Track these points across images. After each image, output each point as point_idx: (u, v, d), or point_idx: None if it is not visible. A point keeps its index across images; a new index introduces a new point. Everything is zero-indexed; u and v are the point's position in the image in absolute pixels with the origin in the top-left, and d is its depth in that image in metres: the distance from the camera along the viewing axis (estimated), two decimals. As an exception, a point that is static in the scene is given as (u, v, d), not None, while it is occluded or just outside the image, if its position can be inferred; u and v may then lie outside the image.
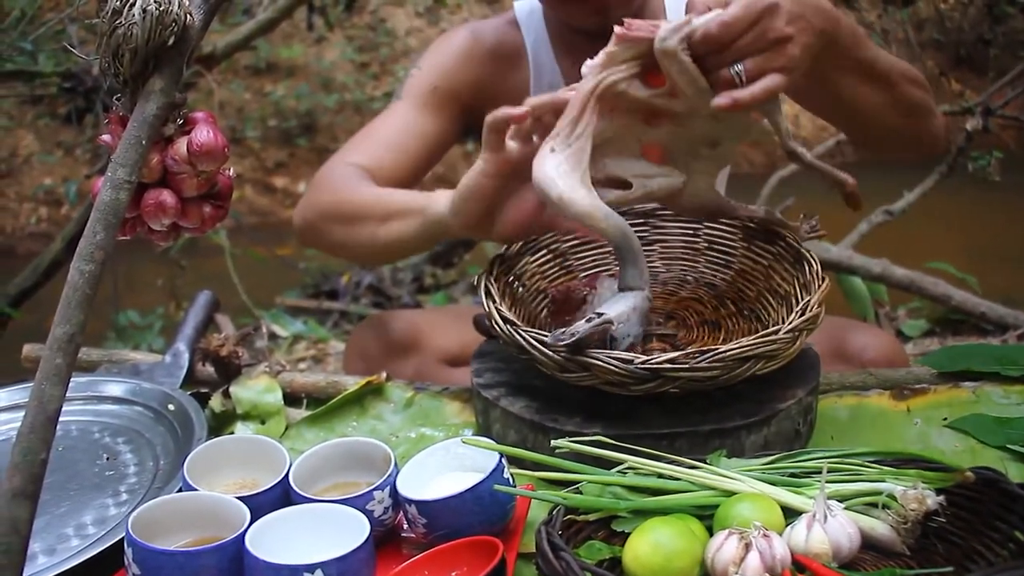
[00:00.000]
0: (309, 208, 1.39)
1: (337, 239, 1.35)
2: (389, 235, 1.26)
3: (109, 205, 0.84)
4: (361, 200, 1.32)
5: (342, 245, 1.37)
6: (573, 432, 1.02)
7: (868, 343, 1.40)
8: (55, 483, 1.08)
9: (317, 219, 1.37)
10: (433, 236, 1.25)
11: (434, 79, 1.45)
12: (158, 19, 0.86)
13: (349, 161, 1.40)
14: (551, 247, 1.32)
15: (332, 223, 1.35)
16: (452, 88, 1.44)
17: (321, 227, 1.37)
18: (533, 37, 1.48)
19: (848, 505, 0.88)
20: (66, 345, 0.79)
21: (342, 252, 1.43)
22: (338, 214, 1.34)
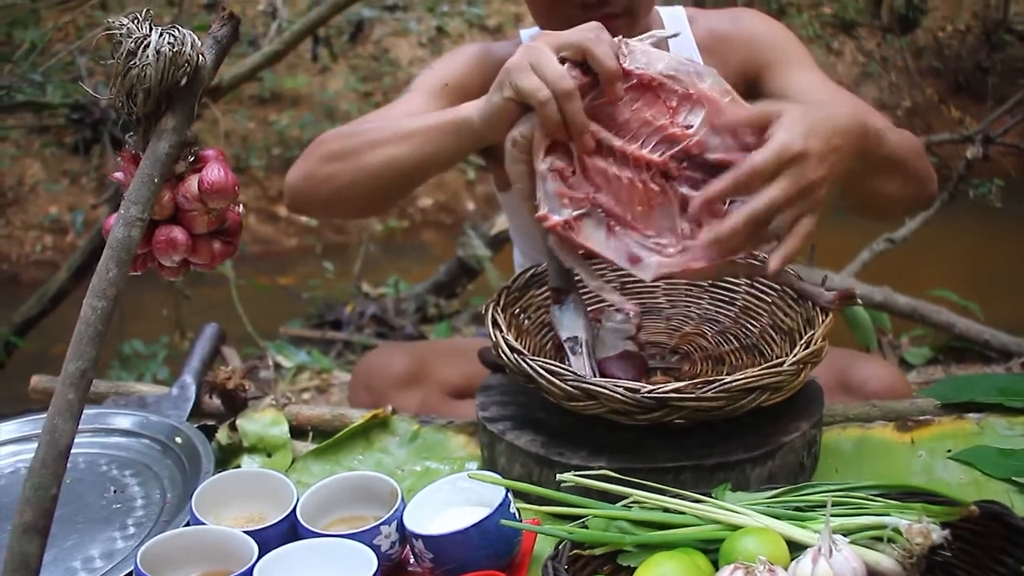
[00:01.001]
0: (309, 160, 1.33)
1: (344, 178, 1.28)
2: (411, 152, 1.21)
3: (122, 242, 0.85)
4: (372, 127, 1.29)
5: (350, 182, 1.28)
6: (579, 466, 1.03)
7: (871, 374, 1.40)
8: (63, 516, 1.08)
9: (317, 166, 1.31)
10: (460, 145, 1.20)
11: (445, 77, 1.44)
12: (171, 60, 0.88)
13: None
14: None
15: (336, 162, 1.28)
16: (462, 87, 1.44)
17: (323, 173, 1.30)
18: None
19: (853, 539, 0.88)
20: (78, 381, 0.80)
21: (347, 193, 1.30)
22: (344, 150, 1.28)
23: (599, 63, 1.04)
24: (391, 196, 1.34)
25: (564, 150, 1.08)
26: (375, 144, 1.25)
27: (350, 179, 1.27)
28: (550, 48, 1.06)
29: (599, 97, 1.07)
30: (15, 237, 5.76)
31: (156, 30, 0.89)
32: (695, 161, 1.06)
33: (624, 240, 1.08)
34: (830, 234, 1.53)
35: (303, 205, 1.38)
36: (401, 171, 1.24)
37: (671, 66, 1.06)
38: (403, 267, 4.44)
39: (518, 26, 1.78)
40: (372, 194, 1.29)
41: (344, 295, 4.13)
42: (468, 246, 3.60)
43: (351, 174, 1.26)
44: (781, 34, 1.45)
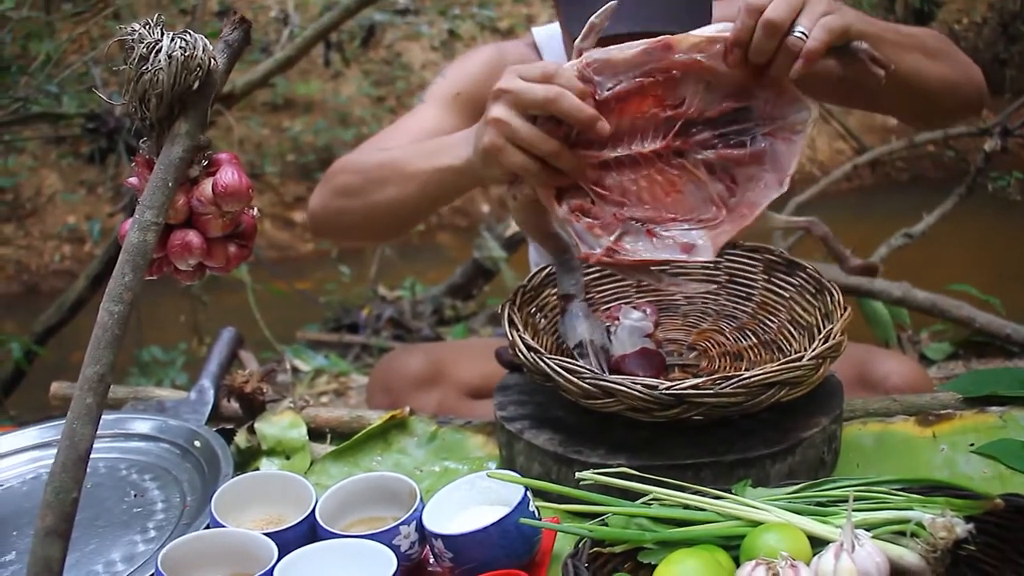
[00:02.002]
0: (322, 193, 1.39)
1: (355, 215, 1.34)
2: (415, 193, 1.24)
3: (137, 247, 0.85)
4: (379, 162, 1.31)
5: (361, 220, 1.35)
6: (597, 464, 1.02)
7: (892, 370, 1.39)
8: (84, 520, 1.09)
9: (331, 199, 1.36)
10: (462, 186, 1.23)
11: (458, 85, 1.46)
12: (183, 64, 0.88)
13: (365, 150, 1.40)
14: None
15: (347, 198, 1.34)
16: (474, 95, 1.45)
17: (335, 207, 1.36)
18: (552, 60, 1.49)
19: (876, 534, 0.88)
20: (96, 385, 0.80)
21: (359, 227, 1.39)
22: (353, 187, 1.33)
23: (572, 117, 1.03)
24: (404, 228, 1.40)
25: (574, 186, 1.08)
26: (382, 183, 1.29)
27: (361, 217, 1.34)
28: (518, 114, 1.04)
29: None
30: (34, 248, 5.81)
31: (168, 35, 0.89)
32: (699, 124, 1.06)
33: (669, 236, 1.07)
34: (847, 230, 1.52)
35: (323, 233, 1.47)
36: (408, 210, 1.30)
37: (638, 60, 1.04)
38: (419, 270, 4.44)
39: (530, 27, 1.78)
40: (384, 228, 1.37)
41: (361, 298, 4.13)
42: (484, 248, 3.60)
43: (361, 212, 1.33)
44: None
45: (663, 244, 1.07)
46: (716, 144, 1.07)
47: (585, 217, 1.07)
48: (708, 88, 1.05)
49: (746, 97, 1.06)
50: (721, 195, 1.07)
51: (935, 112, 1.33)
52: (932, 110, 1.31)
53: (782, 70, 1.03)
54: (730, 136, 1.07)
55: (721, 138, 1.06)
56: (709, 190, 1.07)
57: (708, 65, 1.04)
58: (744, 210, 1.06)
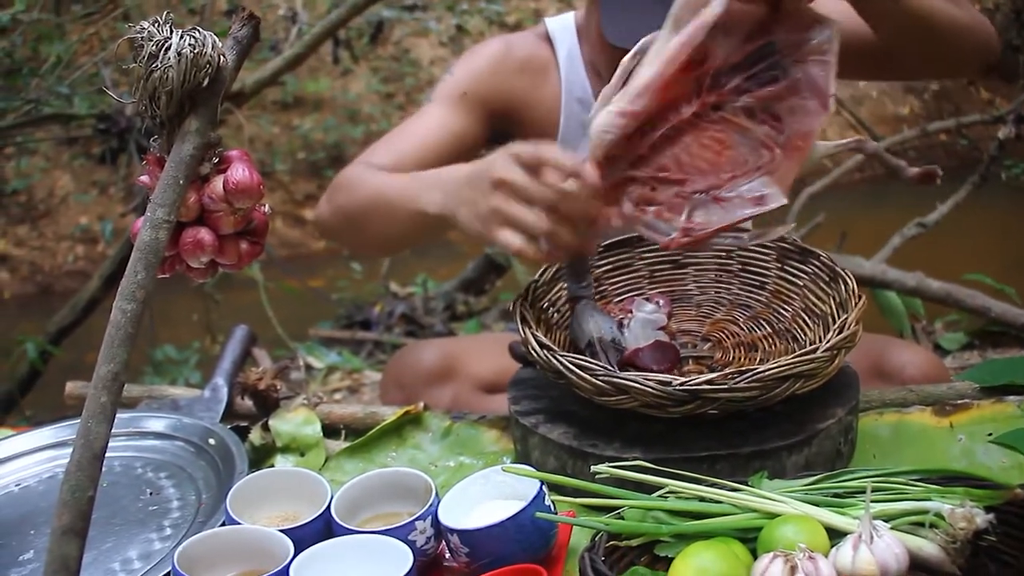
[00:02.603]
0: (327, 209, 1.41)
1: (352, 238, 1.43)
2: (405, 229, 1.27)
3: (149, 244, 0.85)
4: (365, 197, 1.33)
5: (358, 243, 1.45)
6: (613, 457, 1.02)
7: (908, 360, 1.38)
8: (100, 519, 1.09)
9: (332, 220, 1.40)
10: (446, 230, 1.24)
11: (464, 84, 1.46)
12: (192, 61, 0.88)
13: (368, 161, 1.41)
14: (584, 272, 1.32)
15: (344, 220, 1.37)
16: (482, 94, 1.45)
17: (337, 228, 1.41)
18: (565, 52, 1.49)
19: (894, 525, 0.87)
20: (110, 383, 0.80)
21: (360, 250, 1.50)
22: (349, 211, 1.35)
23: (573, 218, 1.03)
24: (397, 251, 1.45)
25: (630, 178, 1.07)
26: (368, 217, 1.32)
27: (354, 240, 1.45)
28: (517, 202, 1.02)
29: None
30: (47, 248, 5.83)
31: (176, 32, 0.89)
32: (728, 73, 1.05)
33: (736, 196, 1.05)
34: (860, 220, 1.51)
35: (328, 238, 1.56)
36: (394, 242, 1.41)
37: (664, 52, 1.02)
38: (430, 266, 4.44)
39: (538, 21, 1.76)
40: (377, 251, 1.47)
41: (373, 295, 4.14)
42: (495, 243, 3.60)
43: (355, 237, 1.42)
44: None
45: (734, 205, 1.05)
46: (749, 87, 1.05)
47: (650, 206, 1.06)
48: (726, 34, 1.03)
49: (765, 33, 1.05)
50: (769, 136, 1.05)
51: (947, 56, 1.29)
52: (944, 53, 1.28)
53: (799, 4, 1.02)
54: (761, 75, 1.05)
55: (752, 80, 1.05)
56: (756, 134, 1.05)
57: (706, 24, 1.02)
58: (798, 142, 1.04)
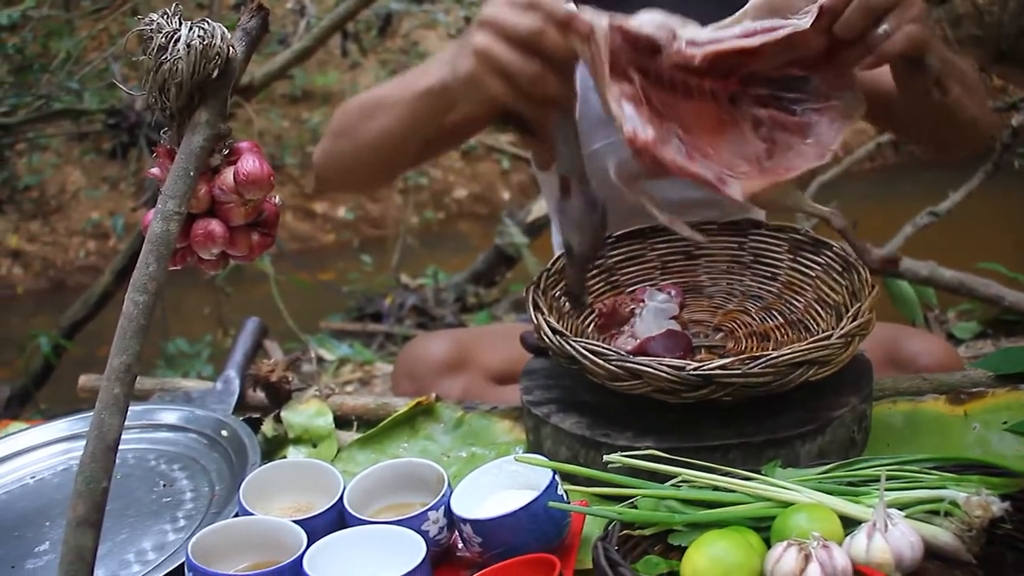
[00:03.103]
0: (320, 146, 1.38)
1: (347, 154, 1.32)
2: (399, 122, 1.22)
3: (160, 236, 0.85)
4: (371, 97, 1.30)
5: (353, 158, 1.32)
6: (625, 447, 1.02)
7: (922, 349, 1.37)
8: (114, 510, 1.09)
9: (327, 147, 1.35)
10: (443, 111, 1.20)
11: None
12: (202, 53, 0.88)
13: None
14: (596, 263, 1.32)
15: (341, 138, 1.32)
16: None
17: (331, 150, 1.34)
18: None
19: (909, 513, 0.87)
20: (123, 375, 0.81)
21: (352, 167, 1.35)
22: (345, 126, 1.31)
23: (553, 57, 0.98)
24: (392, 165, 1.35)
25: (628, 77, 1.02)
26: (367, 118, 1.27)
27: (352, 155, 1.32)
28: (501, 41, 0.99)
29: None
30: (60, 244, 5.86)
31: (186, 24, 0.89)
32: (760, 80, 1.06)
33: (707, 164, 1.04)
34: (871, 209, 1.51)
35: (324, 182, 1.43)
36: (393, 142, 1.26)
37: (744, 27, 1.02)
38: (441, 258, 4.44)
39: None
40: (374, 166, 1.32)
41: (383, 287, 4.15)
42: (505, 234, 3.60)
43: (352, 150, 1.31)
44: None
45: (702, 166, 1.04)
46: (769, 103, 1.07)
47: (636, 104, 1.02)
48: (785, 49, 1.04)
49: (809, 69, 1.07)
50: (759, 155, 1.06)
51: (954, 144, 1.35)
52: (953, 141, 1.33)
53: (853, 57, 1.04)
54: (784, 101, 1.07)
55: (775, 100, 1.06)
56: (749, 148, 1.06)
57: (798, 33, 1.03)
58: (780, 171, 1.06)
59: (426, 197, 6.02)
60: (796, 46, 1.05)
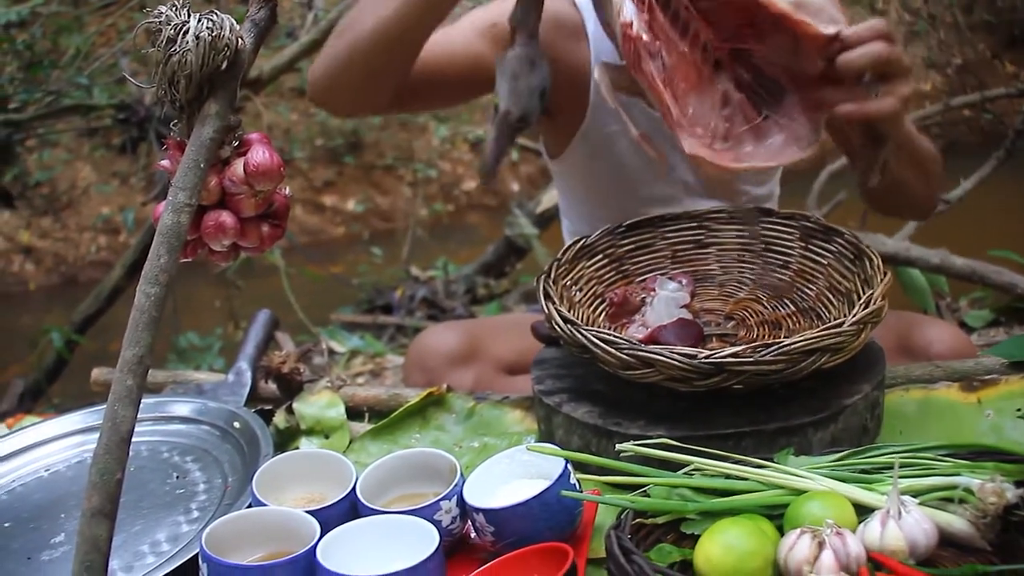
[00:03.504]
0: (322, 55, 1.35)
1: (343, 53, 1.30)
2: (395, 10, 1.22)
3: (171, 228, 0.85)
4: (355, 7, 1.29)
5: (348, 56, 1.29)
6: (637, 435, 1.02)
7: (935, 337, 1.37)
8: (128, 502, 1.10)
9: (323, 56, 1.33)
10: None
11: (495, 17, 1.42)
12: (211, 44, 0.88)
13: None
14: (607, 252, 1.32)
15: (338, 39, 1.30)
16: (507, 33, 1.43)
17: (328, 52, 1.32)
18: (593, 21, 1.47)
19: (923, 500, 0.86)
20: (136, 367, 0.81)
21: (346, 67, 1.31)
22: (342, 26, 1.30)
23: None
24: (390, 66, 1.30)
25: None
26: (361, 14, 1.26)
27: (348, 52, 1.29)
28: None
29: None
30: (71, 239, 5.89)
31: (194, 16, 0.89)
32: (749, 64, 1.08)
33: (674, 102, 1.06)
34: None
35: (319, 94, 1.39)
36: (388, 36, 1.24)
37: None
38: (451, 250, 4.45)
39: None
40: (368, 64, 1.28)
41: (393, 280, 4.15)
42: (515, 225, 3.59)
43: (348, 46, 1.28)
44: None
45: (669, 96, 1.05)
46: (744, 89, 1.09)
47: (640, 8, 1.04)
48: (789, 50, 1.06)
49: (795, 85, 1.09)
50: (715, 130, 1.08)
51: (887, 209, 1.44)
52: (889, 207, 1.42)
53: (834, 98, 1.06)
54: (758, 96, 1.09)
55: (751, 90, 1.08)
56: (710, 117, 1.08)
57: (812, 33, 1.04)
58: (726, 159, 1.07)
59: (435, 189, 6.03)
60: (799, 53, 1.07)
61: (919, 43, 6.87)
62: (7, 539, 1.09)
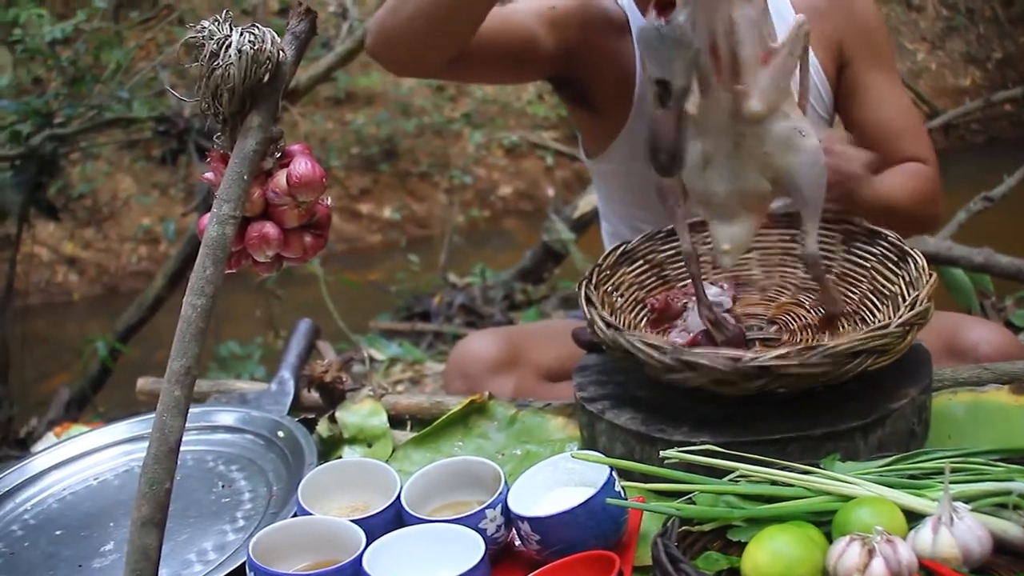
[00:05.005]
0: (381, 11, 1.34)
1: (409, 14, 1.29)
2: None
3: (216, 240, 0.86)
4: None
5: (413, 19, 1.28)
6: (681, 442, 1.01)
7: (982, 337, 1.34)
8: (175, 511, 1.10)
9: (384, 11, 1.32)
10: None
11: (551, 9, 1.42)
12: (253, 58, 0.89)
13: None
14: (648, 257, 1.31)
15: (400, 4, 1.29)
16: (565, 17, 1.42)
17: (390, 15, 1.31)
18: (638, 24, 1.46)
19: (975, 507, 0.85)
20: (183, 377, 0.82)
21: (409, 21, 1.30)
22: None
23: None
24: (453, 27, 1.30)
25: None
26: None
27: (414, 7, 1.27)
28: None
29: None
30: (112, 250, 5.98)
31: (236, 30, 0.90)
32: None
33: None
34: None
35: (378, 46, 1.37)
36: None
37: None
38: (487, 256, 4.45)
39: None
40: (432, 22, 1.27)
41: (431, 287, 4.16)
42: (552, 230, 3.59)
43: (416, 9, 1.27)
44: (873, 18, 1.50)
45: None
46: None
47: None
48: None
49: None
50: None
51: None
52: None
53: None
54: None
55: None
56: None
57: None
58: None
59: (471, 195, 6.04)
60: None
61: (958, 38, 6.78)
62: (59, 546, 1.11)
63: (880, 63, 1.49)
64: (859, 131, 1.48)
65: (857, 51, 1.47)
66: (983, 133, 5.95)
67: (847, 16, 1.47)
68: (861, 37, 1.47)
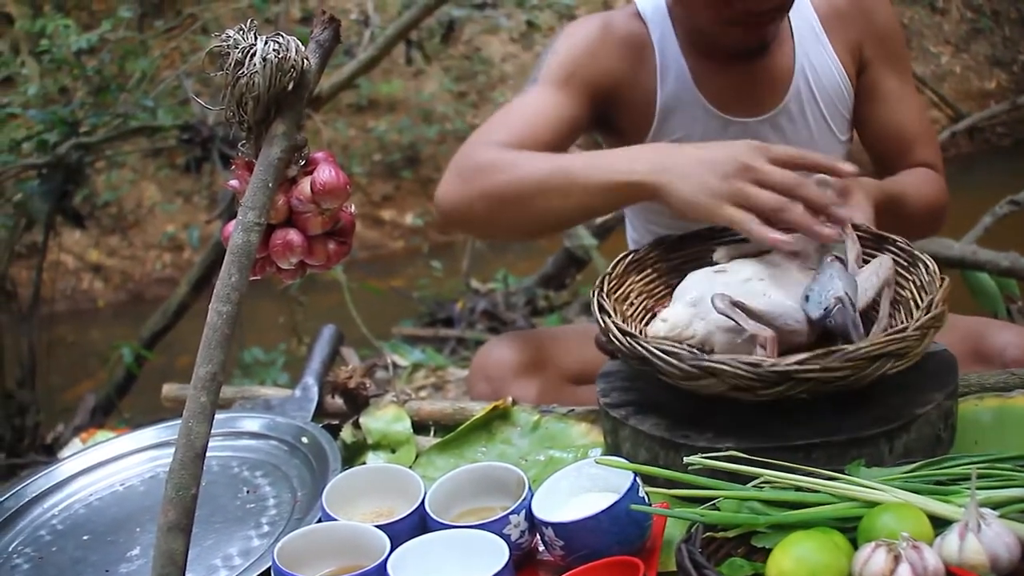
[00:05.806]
0: (463, 190, 1.35)
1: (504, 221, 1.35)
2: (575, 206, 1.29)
3: (242, 247, 0.87)
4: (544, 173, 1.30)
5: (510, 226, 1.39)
6: (705, 448, 1.01)
7: (1009, 341, 1.33)
8: (201, 517, 1.10)
9: (475, 203, 1.33)
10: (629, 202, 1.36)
11: (570, 66, 1.43)
12: (277, 66, 0.89)
13: (493, 141, 1.37)
14: (655, 266, 1.31)
15: (496, 203, 1.32)
16: (589, 76, 1.43)
17: (479, 211, 1.34)
18: (659, 33, 1.47)
19: (1003, 513, 0.84)
20: (209, 384, 0.83)
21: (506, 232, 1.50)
22: (504, 193, 1.31)
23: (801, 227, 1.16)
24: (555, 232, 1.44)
25: None
26: (545, 194, 1.29)
27: (510, 224, 1.37)
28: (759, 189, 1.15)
29: None
30: (137, 257, 6.04)
31: (261, 39, 0.91)
32: None
33: None
34: (948, 199, 1.48)
35: (458, 228, 1.51)
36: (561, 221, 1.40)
37: None
38: (510, 261, 4.45)
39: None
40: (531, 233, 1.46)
41: (454, 292, 4.17)
42: (575, 236, 3.58)
43: (512, 220, 1.35)
44: (892, 24, 1.53)
45: None
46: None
47: None
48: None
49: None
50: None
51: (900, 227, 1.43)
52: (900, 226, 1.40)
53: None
54: None
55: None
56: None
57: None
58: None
59: (493, 201, 6.05)
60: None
61: (983, 40, 6.73)
62: (86, 552, 1.12)
63: (897, 68, 1.52)
64: (874, 132, 1.52)
65: (876, 55, 1.50)
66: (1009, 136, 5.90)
67: (868, 21, 1.49)
68: (880, 42, 1.50)
